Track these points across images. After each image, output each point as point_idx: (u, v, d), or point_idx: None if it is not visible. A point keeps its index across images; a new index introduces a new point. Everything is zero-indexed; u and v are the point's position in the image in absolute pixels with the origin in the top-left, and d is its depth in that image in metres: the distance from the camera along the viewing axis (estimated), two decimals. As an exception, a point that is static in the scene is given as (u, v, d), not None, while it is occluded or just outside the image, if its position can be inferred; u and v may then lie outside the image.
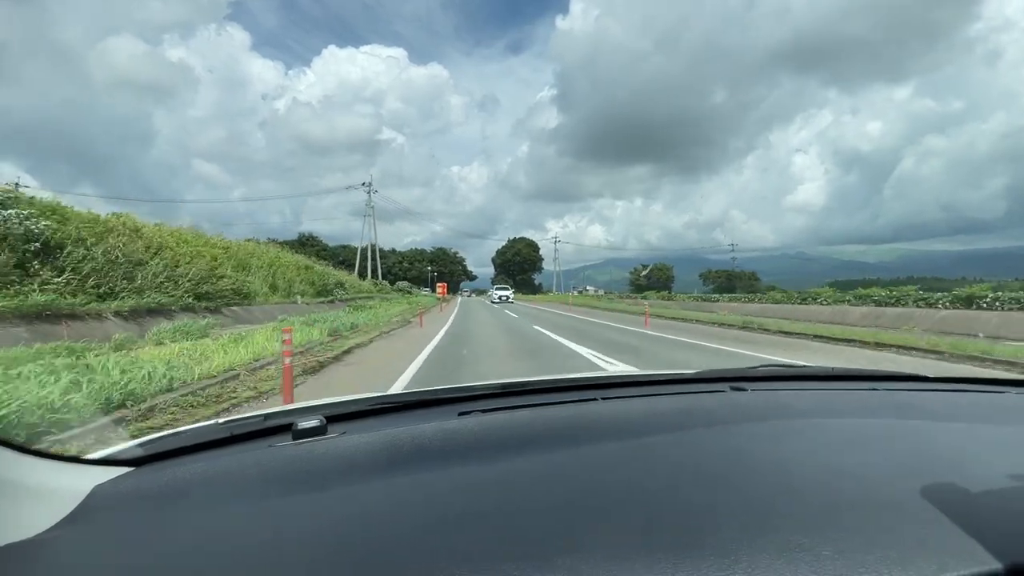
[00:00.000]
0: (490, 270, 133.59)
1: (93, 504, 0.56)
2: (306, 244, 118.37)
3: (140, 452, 0.71)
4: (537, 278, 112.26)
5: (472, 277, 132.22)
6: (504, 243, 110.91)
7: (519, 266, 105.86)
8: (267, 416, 0.85)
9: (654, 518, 0.48)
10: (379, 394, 1.00)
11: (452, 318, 18.11)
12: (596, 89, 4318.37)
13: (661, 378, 1.17)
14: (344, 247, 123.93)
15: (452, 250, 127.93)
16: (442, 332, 12.31)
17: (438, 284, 33.38)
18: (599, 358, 7.68)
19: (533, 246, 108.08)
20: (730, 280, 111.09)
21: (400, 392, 1.05)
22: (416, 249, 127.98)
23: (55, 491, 0.55)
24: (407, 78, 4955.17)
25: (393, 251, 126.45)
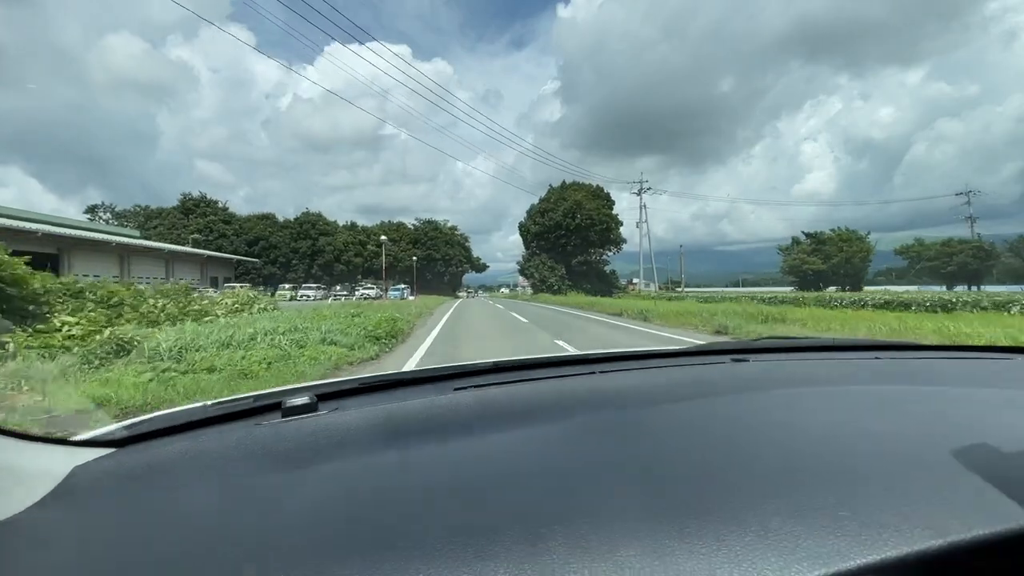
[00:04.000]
0: (507, 265, 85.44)
1: (73, 484, 0.54)
2: (191, 212, 66.37)
3: (125, 433, 0.69)
4: (611, 261, 58.62)
5: (480, 268, 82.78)
6: (544, 194, 55.38)
7: (577, 236, 51.07)
8: (257, 397, 0.84)
9: (656, 483, 0.47)
10: (373, 374, 1.00)
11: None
12: (600, 79, 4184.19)
13: (660, 353, 1.14)
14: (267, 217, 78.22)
15: (448, 224, 77.94)
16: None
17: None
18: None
19: (603, 198, 53.40)
20: (981, 258, 51.71)
21: (395, 371, 1.04)
22: (391, 223, 79.19)
23: (35, 472, 0.53)
24: (410, 75, 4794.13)
25: (354, 225, 78.07)
